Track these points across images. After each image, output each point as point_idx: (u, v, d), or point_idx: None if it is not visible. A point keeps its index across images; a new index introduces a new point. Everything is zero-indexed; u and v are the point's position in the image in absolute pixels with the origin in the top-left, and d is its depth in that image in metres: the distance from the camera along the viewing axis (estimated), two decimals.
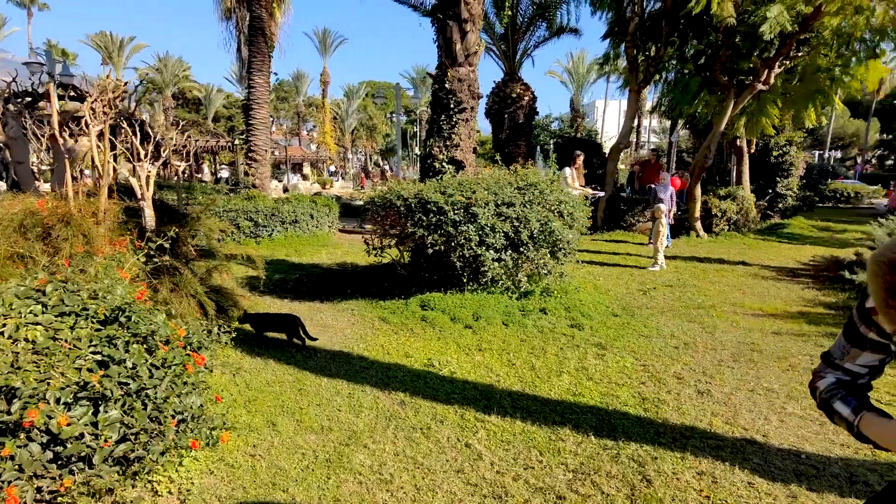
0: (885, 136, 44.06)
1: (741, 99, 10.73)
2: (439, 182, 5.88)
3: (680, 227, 11.80)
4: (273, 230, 10.44)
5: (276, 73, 23.60)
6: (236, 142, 24.72)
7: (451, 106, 6.73)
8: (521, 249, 5.67)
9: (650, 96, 26.34)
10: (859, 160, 41.32)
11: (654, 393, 3.76)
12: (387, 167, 45.70)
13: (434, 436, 3.15)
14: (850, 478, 2.72)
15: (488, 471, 2.80)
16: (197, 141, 20.90)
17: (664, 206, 8.95)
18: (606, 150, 15.50)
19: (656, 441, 3.10)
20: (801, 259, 9.54)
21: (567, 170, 10.31)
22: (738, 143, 13.48)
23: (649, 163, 15.07)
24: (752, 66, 10.48)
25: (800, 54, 10.29)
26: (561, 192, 6.18)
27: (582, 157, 11.11)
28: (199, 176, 24.62)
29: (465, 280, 5.75)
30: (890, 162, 44.88)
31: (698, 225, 11.79)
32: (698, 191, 11.74)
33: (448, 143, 6.78)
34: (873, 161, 46.08)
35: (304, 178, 33.77)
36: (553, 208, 5.88)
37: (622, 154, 14.86)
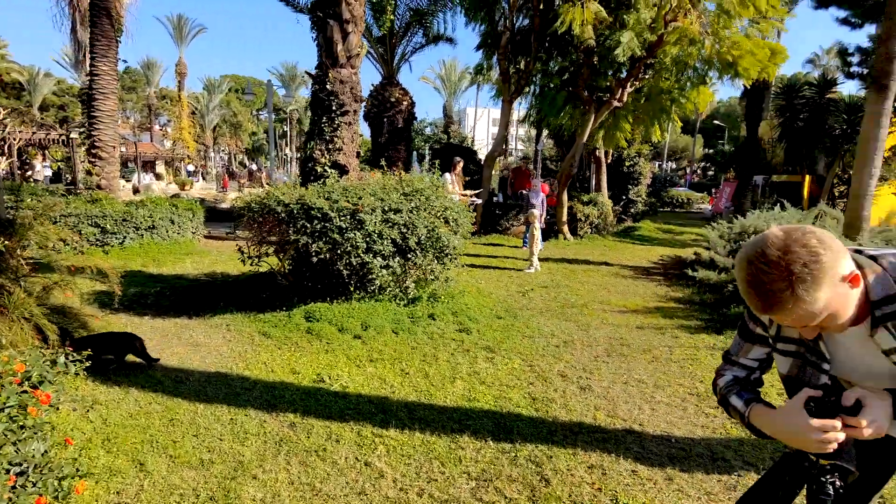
0: (707, 150, 51.42)
1: (600, 114, 11.81)
2: (322, 187, 5.63)
3: (549, 231, 12.64)
4: (125, 237, 9.27)
5: (124, 61, 21.06)
6: (73, 135, 21.64)
7: (334, 108, 6.50)
8: (409, 256, 5.64)
9: (518, 106, 27.99)
10: (688, 171, 47.81)
11: (542, 392, 3.94)
12: (255, 167, 43.06)
13: (331, 457, 2.98)
14: (712, 456, 3.07)
15: (391, 489, 2.70)
16: (20, 132, 17.94)
17: (537, 210, 9.52)
18: (480, 157, 16.14)
19: (550, 440, 3.23)
20: (652, 259, 10.73)
21: (447, 175, 10.51)
22: (597, 153, 14.82)
23: (521, 170, 15.98)
24: (608, 84, 11.57)
25: (647, 77, 11.58)
26: (446, 199, 6.26)
27: (461, 164, 11.41)
28: (31, 174, 21.16)
29: (352, 288, 5.57)
30: (711, 172, 52.45)
31: (565, 228, 12.73)
32: (565, 197, 12.67)
33: (330, 146, 6.53)
34: (699, 171, 53.51)
35: (158, 177, 30.65)
36: (439, 214, 5.93)
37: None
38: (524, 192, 13.90)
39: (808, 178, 18.46)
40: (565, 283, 7.93)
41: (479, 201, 12.69)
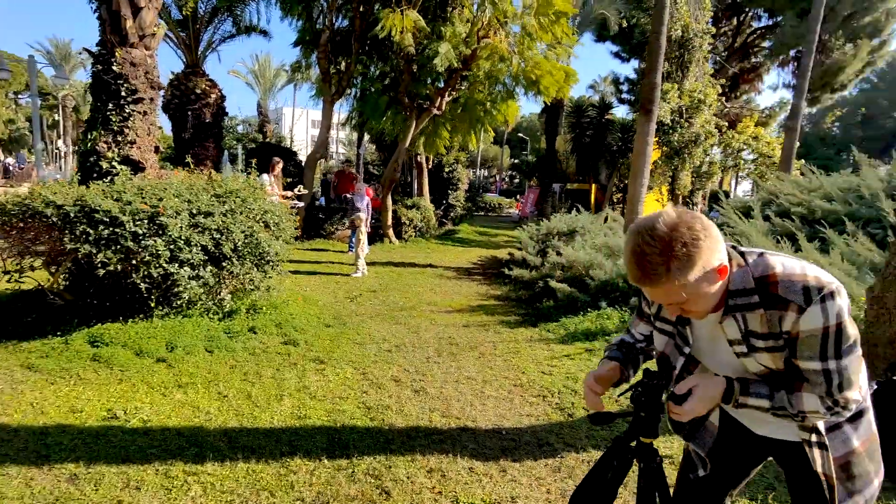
0: (514, 160, 56.89)
1: (421, 120, 12.17)
2: (111, 186, 4.74)
3: (375, 235, 12.62)
4: None
5: None
6: None
7: (123, 94, 5.52)
8: (224, 264, 5.06)
9: (339, 108, 27.55)
10: (498, 178, 52.37)
11: (377, 400, 3.82)
12: (11, 162, 35.31)
13: None
14: (539, 442, 3.28)
15: None
16: None
17: (363, 214, 9.40)
18: (300, 159, 15.47)
19: (387, 449, 3.12)
20: (472, 259, 11.39)
21: (265, 177, 9.78)
22: (418, 159, 15.27)
23: (344, 173, 15.71)
24: (428, 92, 11.98)
25: (463, 88, 12.28)
26: (265, 201, 5.77)
27: (281, 164, 10.74)
28: None
29: (153, 304, 4.79)
30: (517, 180, 58.19)
31: (390, 232, 12.84)
32: (389, 201, 12.78)
33: (120, 138, 5.53)
34: (507, 179, 58.95)
35: None
36: (258, 218, 5.44)
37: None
38: (348, 195, 13.69)
39: (594, 186, 21.53)
40: (393, 287, 7.95)
41: (302, 204, 12.12)
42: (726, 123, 17.24)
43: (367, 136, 18.13)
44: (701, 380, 1.29)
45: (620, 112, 32.80)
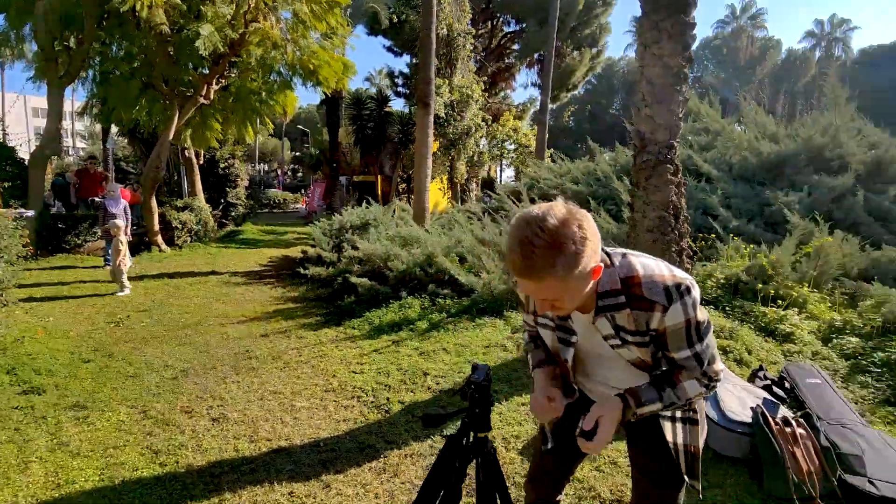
0: (295, 153, 54.77)
1: (185, 110, 10.76)
2: None
3: (140, 243, 10.84)
4: None
5: None
6: None
7: None
8: None
9: (71, 94, 22.98)
10: (279, 172, 49.89)
11: (166, 440, 3.24)
12: None
13: None
14: (359, 446, 3.16)
15: None
16: None
17: (120, 221, 7.95)
18: (22, 157, 12.37)
19: (187, 496, 2.67)
20: (262, 262, 10.60)
21: None
22: (186, 153, 13.55)
23: (88, 172, 13.09)
24: (192, 79, 10.65)
25: (233, 75, 11.22)
26: None
27: None
28: None
29: None
30: (301, 174, 56.23)
31: (159, 239, 11.17)
32: (154, 203, 11.08)
33: None
34: (289, 173, 56.54)
35: None
36: None
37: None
38: (97, 198, 11.46)
39: (379, 177, 21.97)
40: (171, 302, 6.92)
41: (31, 213, 9.74)
42: (490, 117, 19.23)
43: (115, 128, 15.36)
44: (602, 410, 1.32)
45: (398, 105, 34.07)
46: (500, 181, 30.49)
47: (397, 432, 3.30)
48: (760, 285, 4.88)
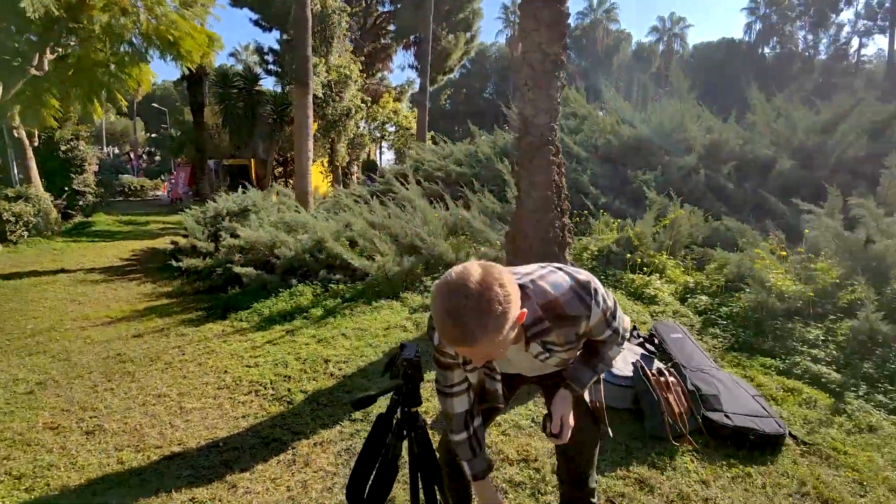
0: (151, 134, 49.40)
1: (12, 83, 9.19)
2: None
3: None
4: None
5: None
6: None
7: None
8: None
9: None
10: (133, 156, 44.68)
11: (30, 462, 2.84)
12: None
13: None
14: (264, 441, 3.03)
15: None
16: None
17: None
18: None
19: None
20: (123, 255, 9.53)
21: None
22: (16, 134, 11.62)
23: None
24: (18, 45, 9.10)
25: (72, 43, 9.78)
26: None
27: None
28: None
29: None
30: (159, 157, 50.80)
31: None
32: None
33: None
34: (145, 157, 50.89)
35: None
36: None
37: None
38: None
39: (253, 161, 20.68)
40: (12, 307, 5.98)
41: None
42: (370, 98, 18.94)
43: None
44: (560, 408, 1.49)
45: (269, 84, 32.12)
46: (381, 164, 30.28)
47: (303, 422, 3.21)
48: (628, 255, 5.44)
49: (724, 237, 5.90)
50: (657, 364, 3.14)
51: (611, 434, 1.70)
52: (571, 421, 1.50)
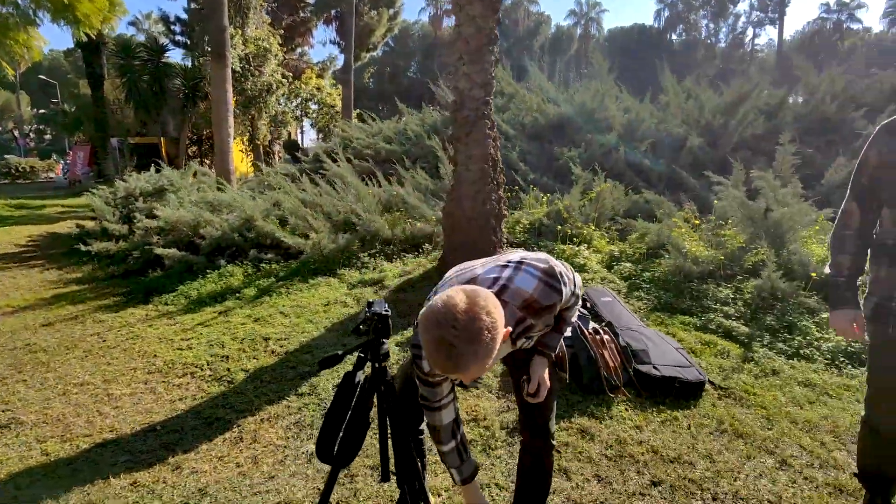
0: (38, 110, 44.51)
1: None
2: None
3: None
4: None
5: None
6: None
7: None
8: None
9: None
10: (17, 133, 40.11)
11: None
12: None
13: None
14: (206, 420, 2.91)
15: None
16: None
17: None
18: None
19: None
20: (19, 242, 8.64)
21: None
22: None
23: None
24: None
25: None
26: None
27: None
28: None
29: None
30: (50, 136, 45.89)
31: None
32: None
33: None
34: (32, 135, 45.86)
35: None
36: None
37: None
38: None
39: (163, 139, 19.27)
40: None
41: None
42: (291, 74, 18.16)
43: None
44: (538, 371, 1.59)
45: (177, 56, 29.87)
46: (303, 144, 29.25)
47: (247, 400, 3.12)
48: (559, 227, 5.69)
49: (643, 209, 6.29)
50: (592, 324, 3.34)
51: (567, 379, 1.82)
52: (548, 382, 1.60)
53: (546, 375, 1.61)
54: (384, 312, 1.44)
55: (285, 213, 6.34)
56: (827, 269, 1.96)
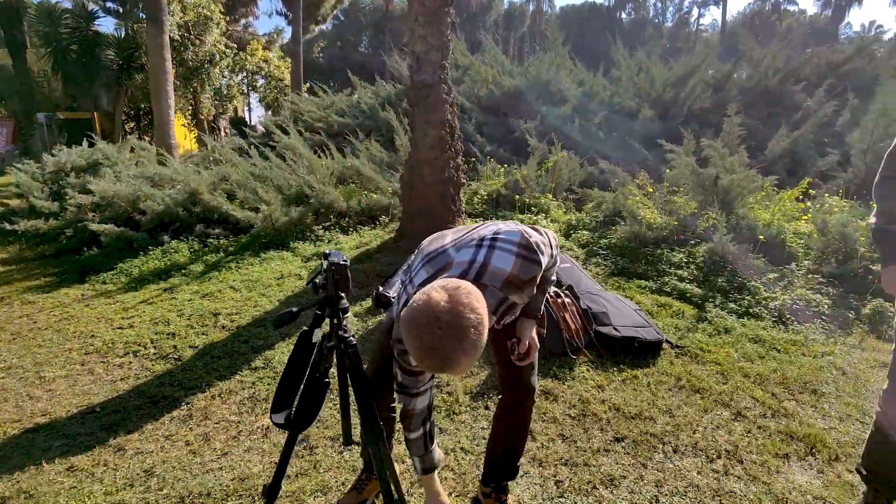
0: None
1: None
2: None
3: None
4: None
5: None
6: None
7: None
8: None
9: None
10: None
11: None
12: None
13: None
14: (152, 400, 2.73)
15: None
16: None
17: None
18: None
19: None
20: None
21: None
22: None
23: None
24: None
25: None
26: None
27: None
28: None
29: None
30: None
31: None
32: None
33: None
34: None
35: None
36: None
37: None
38: None
39: (96, 114, 18.03)
40: None
41: None
42: (235, 45, 17.28)
43: None
44: (527, 334, 1.60)
45: (109, 25, 27.85)
46: (250, 121, 28.09)
47: (197, 377, 2.94)
48: (517, 197, 5.66)
49: (598, 179, 6.35)
50: (553, 288, 3.33)
51: (545, 334, 1.80)
52: (536, 342, 1.58)
53: (535, 336, 1.59)
54: (342, 262, 1.33)
55: (234, 186, 6.04)
56: (873, 219, 1.71)
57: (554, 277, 1.61)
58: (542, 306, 1.63)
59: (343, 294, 1.38)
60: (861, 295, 3.74)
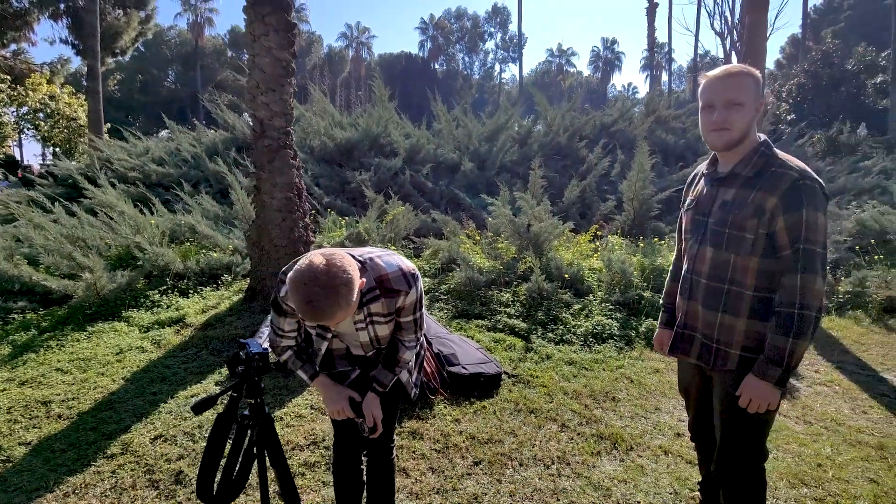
0: None
1: None
2: None
3: None
4: None
5: None
6: None
7: None
8: None
9: None
10: None
11: None
12: None
13: None
14: None
15: None
16: None
17: None
18: None
19: None
20: None
21: None
22: None
23: None
24: None
25: None
26: None
27: None
28: None
29: None
30: None
31: None
32: None
33: None
34: None
35: None
36: None
37: None
38: None
39: None
40: None
41: None
42: (9, 77, 14.88)
43: None
44: (370, 408, 1.80)
45: None
46: (24, 161, 23.97)
47: (38, 476, 2.66)
48: None
49: (432, 227, 7.03)
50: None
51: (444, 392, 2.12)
52: (380, 413, 1.82)
53: (378, 410, 1.81)
54: (263, 351, 1.56)
55: (37, 249, 5.35)
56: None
57: (406, 359, 1.82)
58: (391, 380, 1.83)
59: (259, 379, 1.59)
60: (637, 317, 4.86)
